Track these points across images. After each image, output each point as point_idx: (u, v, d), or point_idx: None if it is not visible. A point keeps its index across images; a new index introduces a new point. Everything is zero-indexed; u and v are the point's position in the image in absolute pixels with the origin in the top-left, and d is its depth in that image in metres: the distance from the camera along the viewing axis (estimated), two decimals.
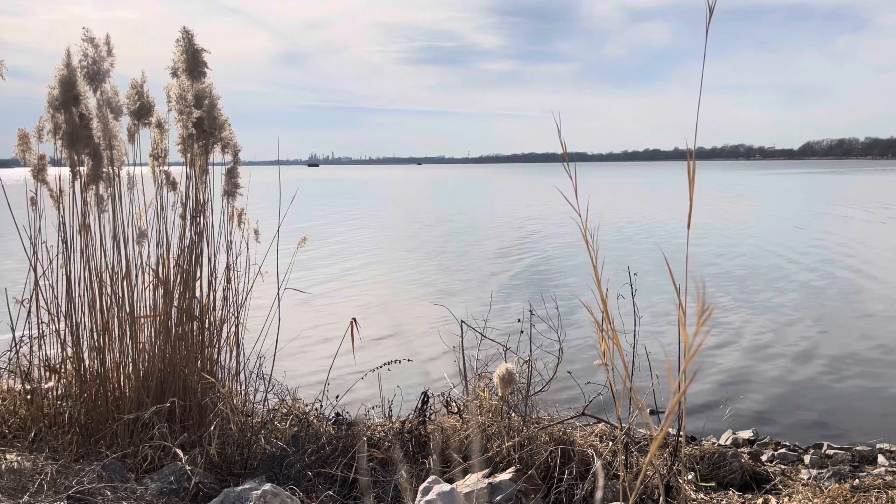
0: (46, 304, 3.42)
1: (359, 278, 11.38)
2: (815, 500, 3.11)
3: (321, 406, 3.56)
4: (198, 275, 3.51)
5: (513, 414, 3.34)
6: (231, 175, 3.55)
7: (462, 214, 25.92)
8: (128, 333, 3.38)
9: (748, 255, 13.34)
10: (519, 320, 3.66)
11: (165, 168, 3.51)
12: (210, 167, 3.54)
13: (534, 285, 10.25)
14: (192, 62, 3.36)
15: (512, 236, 17.40)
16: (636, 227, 18.73)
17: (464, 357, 3.76)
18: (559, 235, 17.02)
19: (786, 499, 3.23)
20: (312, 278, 10.82)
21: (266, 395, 3.62)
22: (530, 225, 20.46)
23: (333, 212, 27.24)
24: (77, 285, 3.35)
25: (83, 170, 3.32)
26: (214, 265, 3.56)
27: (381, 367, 3.61)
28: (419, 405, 3.41)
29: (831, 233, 17.08)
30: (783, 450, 4.27)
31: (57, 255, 3.38)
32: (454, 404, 3.57)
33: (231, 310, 3.62)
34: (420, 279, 11.27)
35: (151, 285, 3.47)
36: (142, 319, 3.45)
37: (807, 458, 4.10)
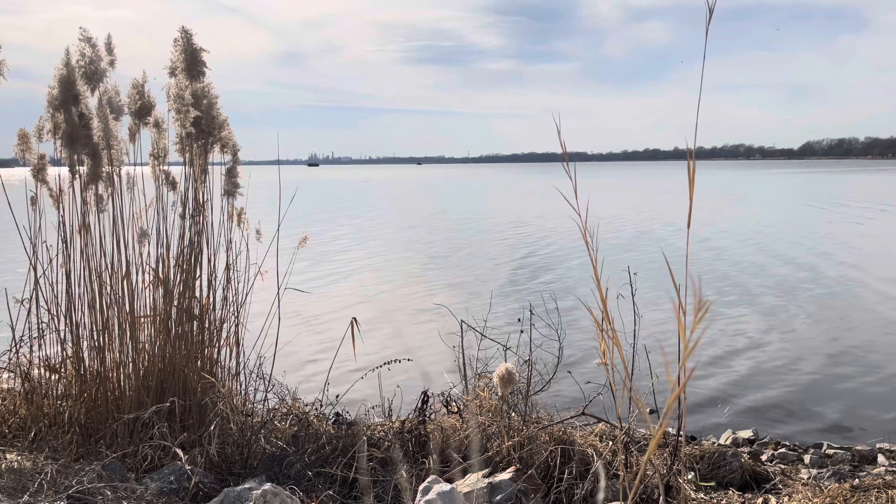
0: (46, 303, 3.42)
1: (359, 278, 11.38)
2: (815, 500, 3.11)
3: (321, 406, 3.56)
4: (198, 274, 3.51)
5: (513, 414, 3.34)
6: (230, 174, 3.55)
7: (462, 214, 25.91)
8: (128, 333, 3.38)
9: (749, 253, 13.33)
10: (519, 320, 3.66)
11: (165, 168, 3.51)
12: (210, 167, 3.54)
13: (534, 285, 10.25)
14: (191, 62, 3.35)
15: (512, 236, 17.40)
16: (635, 226, 18.73)
17: (464, 357, 3.76)
18: (559, 235, 17.02)
19: (786, 498, 3.23)
20: (313, 278, 10.82)
21: (266, 395, 3.62)
22: (530, 224, 20.45)
23: (334, 212, 27.23)
24: (77, 285, 3.35)
25: (83, 169, 3.32)
26: (214, 265, 3.56)
27: (381, 366, 3.61)
28: (419, 405, 3.42)
29: (833, 232, 17.08)
30: (783, 449, 4.27)
31: (57, 254, 3.38)
32: (454, 404, 3.57)
33: (231, 310, 3.62)
34: (420, 279, 11.27)
35: (151, 285, 3.47)
36: (142, 319, 3.45)
37: (807, 458, 4.10)
